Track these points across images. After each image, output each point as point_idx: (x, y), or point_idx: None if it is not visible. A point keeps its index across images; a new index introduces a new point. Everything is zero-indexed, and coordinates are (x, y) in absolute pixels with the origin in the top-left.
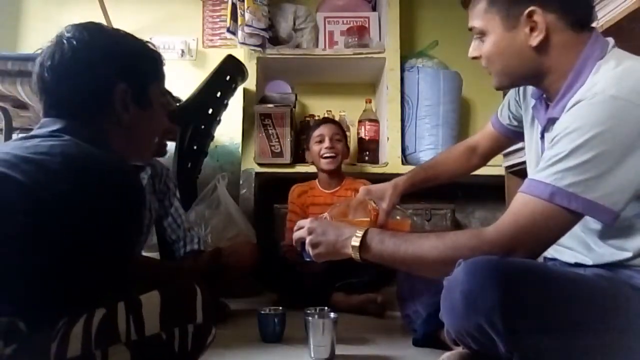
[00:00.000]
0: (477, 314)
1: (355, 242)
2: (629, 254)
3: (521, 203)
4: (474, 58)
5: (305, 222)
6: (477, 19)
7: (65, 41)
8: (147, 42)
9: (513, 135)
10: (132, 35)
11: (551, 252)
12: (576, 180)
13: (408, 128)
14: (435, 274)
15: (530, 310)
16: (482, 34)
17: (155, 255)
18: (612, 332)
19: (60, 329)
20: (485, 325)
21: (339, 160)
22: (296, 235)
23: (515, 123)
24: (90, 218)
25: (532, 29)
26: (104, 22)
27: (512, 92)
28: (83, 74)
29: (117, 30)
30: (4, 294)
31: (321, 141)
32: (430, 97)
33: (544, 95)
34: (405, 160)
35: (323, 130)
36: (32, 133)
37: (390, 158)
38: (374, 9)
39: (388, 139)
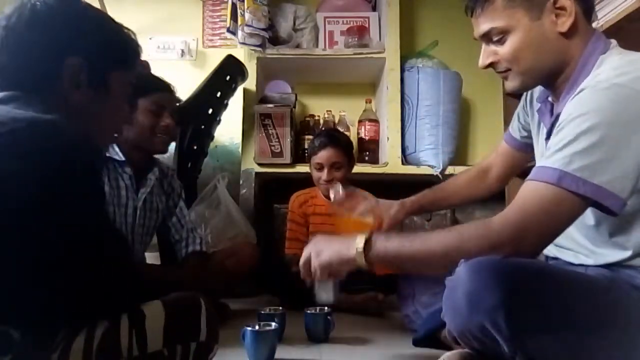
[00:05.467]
0: (480, 314)
1: (360, 242)
2: (628, 253)
3: (529, 189)
4: (488, 66)
5: (307, 247)
6: (496, 18)
7: (29, 3)
8: (129, 31)
9: (526, 147)
10: (109, 17)
11: (553, 251)
12: (584, 164)
13: (408, 128)
14: (443, 269)
15: (533, 310)
16: (504, 33)
17: (155, 255)
18: (614, 331)
19: (60, 341)
20: (488, 325)
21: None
22: (302, 260)
23: (525, 133)
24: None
25: (557, 16)
26: None
27: (520, 103)
28: (36, 40)
29: (95, 8)
30: None
31: (320, 169)
32: (430, 97)
33: (549, 99)
34: (405, 160)
35: (322, 157)
36: None
37: (390, 158)
38: (374, 9)
39: (388, 139)
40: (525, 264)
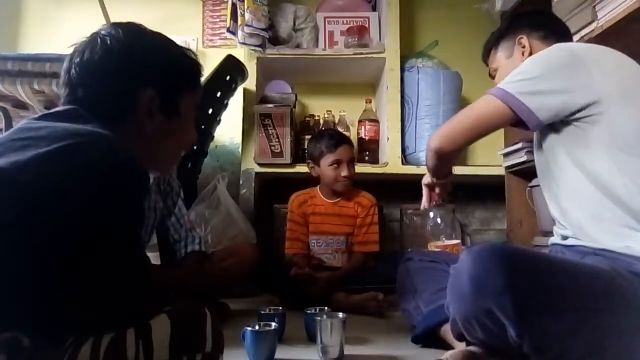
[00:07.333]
0: (486, 298)
1: None
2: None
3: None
4: None
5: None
6: (491, 62)
7: (99, 39)
8: (189, 50)
9: None
10: (172, 42)
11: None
12: (512, 83)
13: (408, 128)
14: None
15: (539, 292)
16: (496, 70)
17: (155, 255)
18: (615, 314)
19: (67, 349)
20: (494, 307)
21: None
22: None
23: None
24: (78, 203)
25: (523, 51)
26: (103, 22)
27: None
28: (110, 75)
29: (158, 34)
30: (4, 307)
31: (338, 166)
32: (430, 97)
33: None
34: (405, 160)
35: (341, 155)
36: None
37: (390, 158)
38: (374, 9)
39: (388, 139)
40: (526, 250)
